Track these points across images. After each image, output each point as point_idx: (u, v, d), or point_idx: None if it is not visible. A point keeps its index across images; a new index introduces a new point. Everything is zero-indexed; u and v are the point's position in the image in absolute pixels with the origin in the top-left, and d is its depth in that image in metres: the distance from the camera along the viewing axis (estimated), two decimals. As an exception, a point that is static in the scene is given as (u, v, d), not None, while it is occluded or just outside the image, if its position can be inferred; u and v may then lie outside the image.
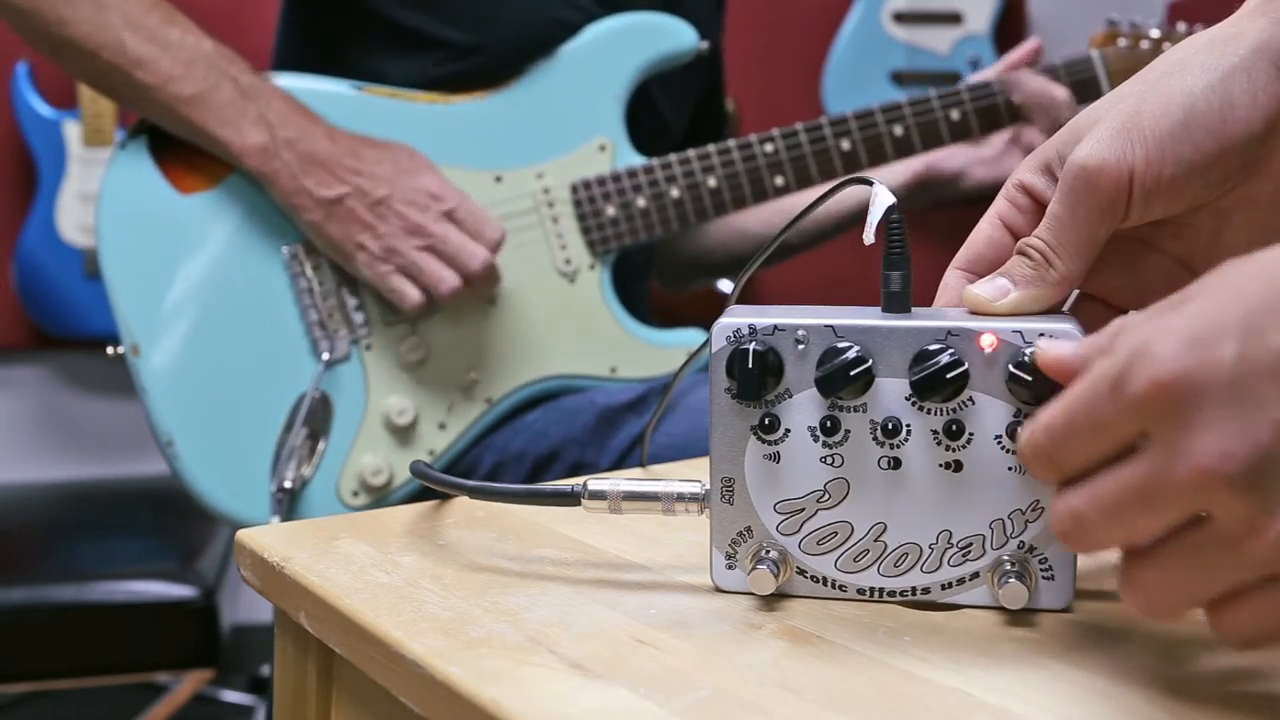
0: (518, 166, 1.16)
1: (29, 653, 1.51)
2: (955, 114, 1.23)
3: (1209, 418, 0.36)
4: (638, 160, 1.18)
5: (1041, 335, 0.47)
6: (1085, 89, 1.24)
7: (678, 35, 1.20)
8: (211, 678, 1.62)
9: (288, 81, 1.14)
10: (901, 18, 2.41)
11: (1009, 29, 2.44)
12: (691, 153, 1.18)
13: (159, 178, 1.12)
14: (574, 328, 1.16)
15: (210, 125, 1.07)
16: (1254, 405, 0.36)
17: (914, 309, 0.50)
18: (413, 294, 1.08)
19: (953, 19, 2.41)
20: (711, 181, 1.18)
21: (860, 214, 1.34)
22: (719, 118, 1.45)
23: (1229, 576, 0.38)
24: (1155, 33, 1.25)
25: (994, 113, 1.24)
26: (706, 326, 1.19)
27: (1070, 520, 0.40)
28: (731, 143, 1.19)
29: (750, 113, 2.43)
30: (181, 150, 1.12)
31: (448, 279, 1.08)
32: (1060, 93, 1.23)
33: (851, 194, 1.29)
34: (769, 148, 1.19)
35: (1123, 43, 1.25)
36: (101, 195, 1.12)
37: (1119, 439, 0.39)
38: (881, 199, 0.50)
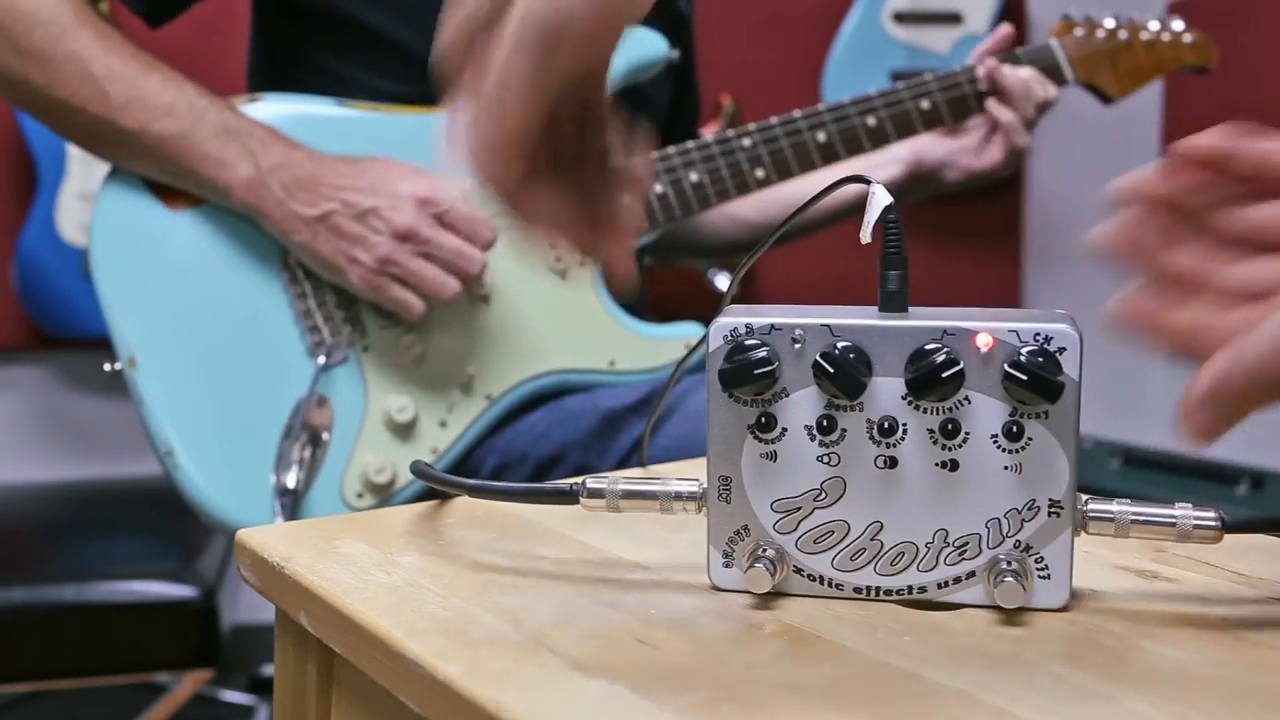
0: None
1: (29, 653, 1.51)
2: (925, 103, 1.27)
3: None
4: None
5: (1037, 335, 0.47)
6: (1048, 75, 1.32)
7: (649, 45, 1.24)
8: (211, 678, 1.62)
9: (273, 102, 1.16)
10: (901, 18, 2.41)
11: (1008, 29, 2.44)
12: (671, 149, 1.20)
13: (148, 197, 1.13)
14: (569, 323, 1.17)
15: (195, 164, 1.08)
16: None
17: (911, 308, 0.50)
18: (416, 304, 1.08)
19: (953, 19, 2.41)
20: (694, 176, 1.20)
21: (850, 210, 1.36)
22: (695, 101, 1.48)
23: None
24: (1110, 23, 1.34)
25: (963, 102, 1.29)
26: (703, 321, 1.20)
27: None
28: (709, 138, 1.22)
29: (751, 113, 2.43)
30: None
31: (449, 284, 1.08)
32: (1033, 80, 1.28)
33: (847, 190, 1.32)
34: (746, 142, 1.22)
35: (1079, 32, 1.34)
36: (94, 221, 1.13)
37: None
38: (879, 199, 0.50)
